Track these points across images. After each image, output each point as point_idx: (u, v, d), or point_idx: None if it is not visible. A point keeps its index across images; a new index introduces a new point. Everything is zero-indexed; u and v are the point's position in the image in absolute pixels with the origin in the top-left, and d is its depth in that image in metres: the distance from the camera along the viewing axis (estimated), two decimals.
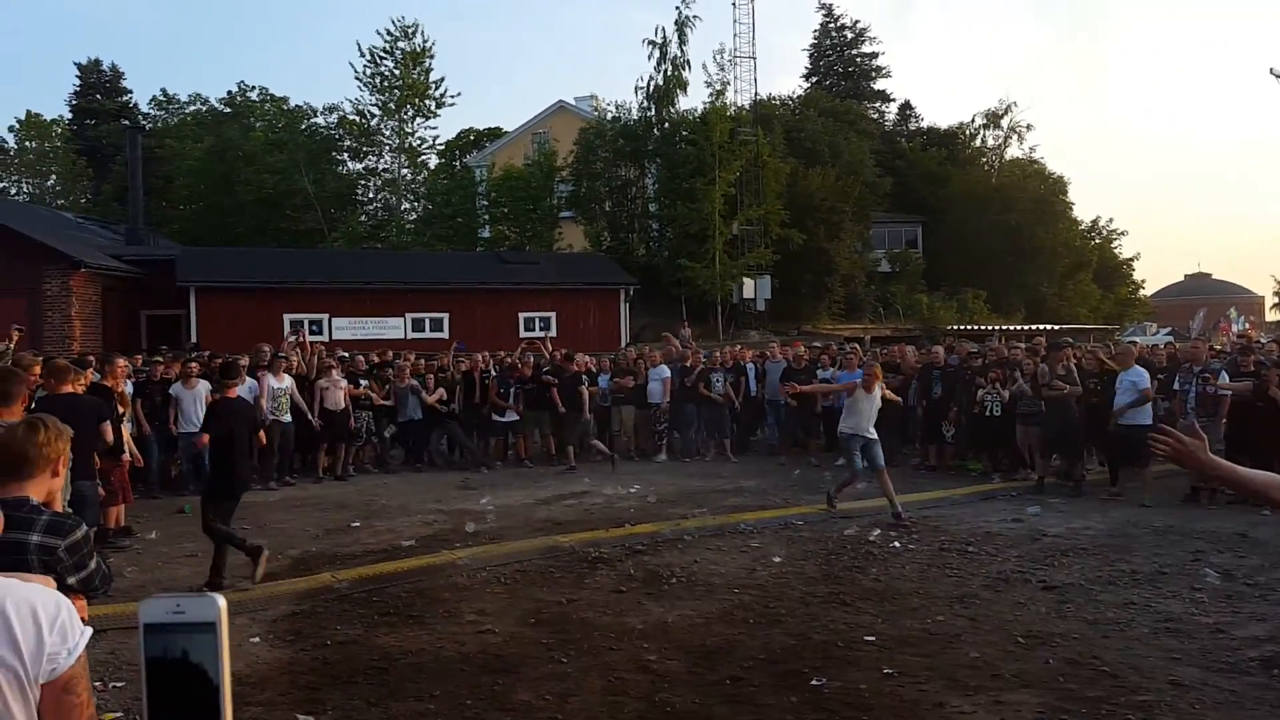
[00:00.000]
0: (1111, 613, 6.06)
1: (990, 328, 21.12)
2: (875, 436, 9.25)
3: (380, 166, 34.55)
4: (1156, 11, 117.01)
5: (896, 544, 8.15)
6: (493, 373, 13.60)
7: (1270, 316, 59.60)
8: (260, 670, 5.19)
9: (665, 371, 14.04)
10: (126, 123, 35.24)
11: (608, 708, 4.60)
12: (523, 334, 21.82)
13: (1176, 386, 10.73)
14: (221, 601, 0.95)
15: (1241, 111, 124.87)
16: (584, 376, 13.77)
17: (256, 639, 5.73)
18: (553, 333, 20.90)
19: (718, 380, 13.89)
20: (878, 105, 45.58)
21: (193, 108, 38.41)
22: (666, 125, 29.89)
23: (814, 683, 4.88)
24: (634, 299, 25.04)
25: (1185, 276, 66.74)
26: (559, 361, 13.93)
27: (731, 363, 14.50)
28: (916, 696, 4.69)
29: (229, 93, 36.94)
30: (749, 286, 27.93)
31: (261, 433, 8.19)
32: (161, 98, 40.20)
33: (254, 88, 36.81)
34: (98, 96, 42.25)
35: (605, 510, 9.84)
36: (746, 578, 7.08)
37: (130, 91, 43.46)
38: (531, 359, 13.82)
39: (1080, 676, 4.93)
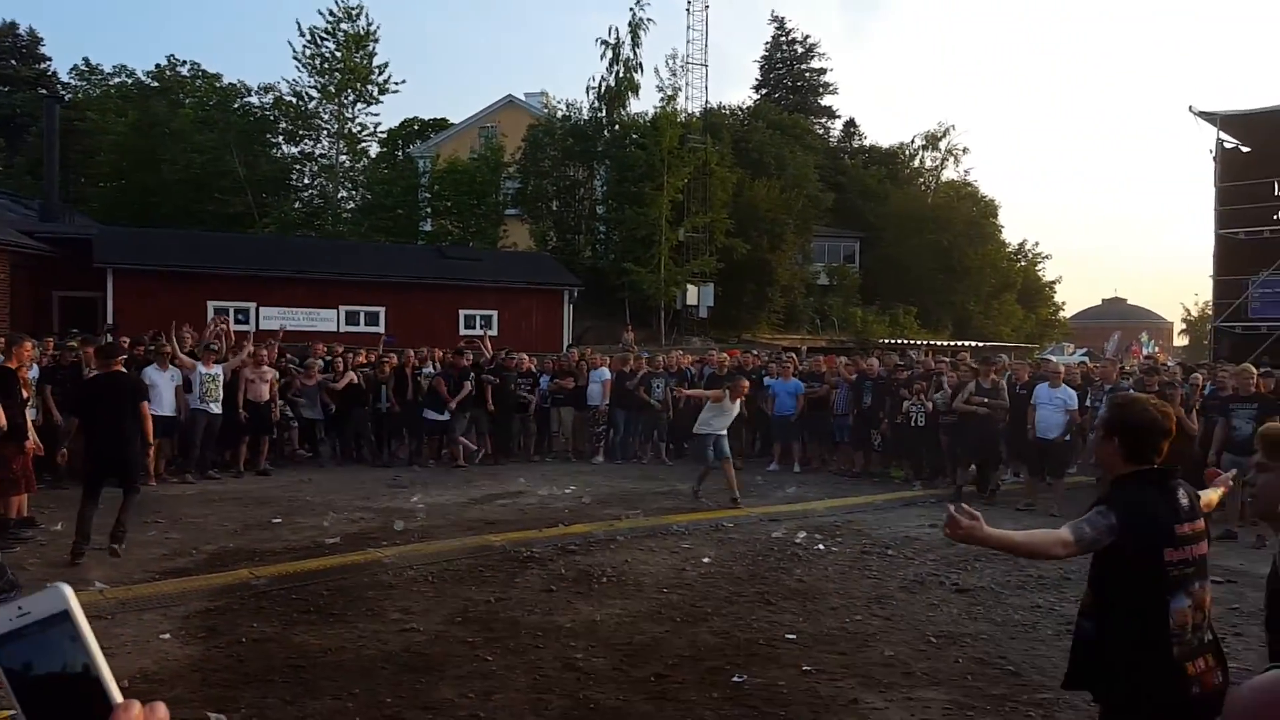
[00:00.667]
0: (1018, 615, 6.30)
1: (920, 342, 21.69)
2: (725, 435, 10.55)
3: (317, 152, 33.37)
4: (1088, 45, 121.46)
5: (821, 546, 8.30)
6: (434, 370, 13.43)
7: (1178, 341, 62.33)
8: (170, 667, 5.03)
9: (606, 374, 14.06)
10: (44, 92, 33.33)
11: (531, 705, 4.59)
12: (463, 331, 21.57)
13: (1089, 403, 11.19)
14: (65, 589, 0.91)
15: (1163, 147, 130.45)
16: (521, 378, 13.74)
17: (167, 635, 5.55)
18: (494, 331, 20.71)
19: (658, 386, 13.96)
20: (824, 121, 46.33)
21: (117, 80, 36.25)
22: (617, 127, 29.91)
23: (736, 679, 4.95)
24: (578, 301, 24.98)
25: (1102, 301, 69.33)
26: (501, 361, 13.81)
27: (676, 368, 14.57)
28: (833, 693, 4.81)
29: (157, 66, 35.02)
30: (692, 293, 28.13)
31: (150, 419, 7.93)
32: (84, 67, 37.59)
33: (185, 62, 35.04)
34: (12, 62, 39.84)
35: (539, 510, 9.80)
36: (675, 578, 7.13)
37: (49, 59, 41.16)
38: (470, 356, 13.66)
39: (987, 675, 5.11)
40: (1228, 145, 24.90)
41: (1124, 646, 2.66)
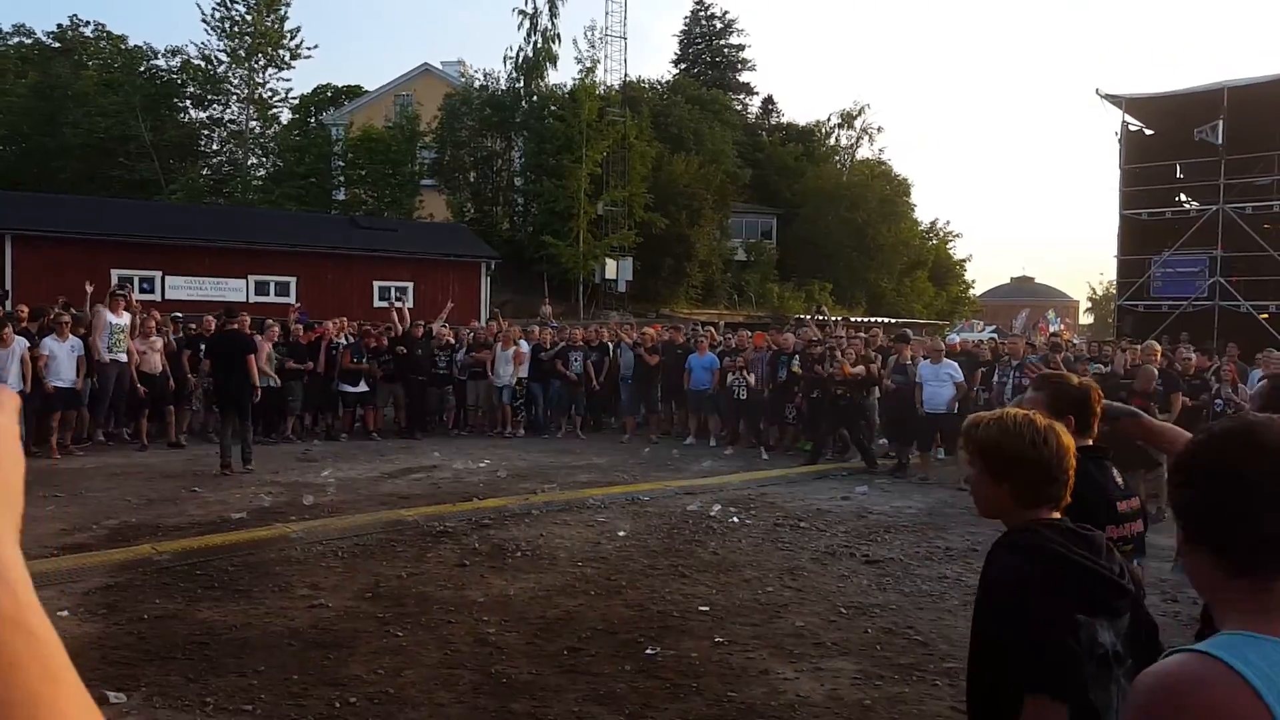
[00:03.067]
0: (926, 586, 6.52)
1: (834, 318, 22.20)
2: None
3: (226, 117, 32.28)
4: (999, 26, 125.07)
5: (735, 519, 8.47)
6: (345, 342, 13.13)
7: (1084, 319, 65.34)
8: (67, 646, 4.57)
9: (524, 347, 13.97)
10: None
11: (442, 680, 4.59)
12: (377, 303, 21.13)
13: (995, 379, 11.61)
14: None
15: (1072, 130, 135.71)
16: (439, 350, 13.54)
17: (65, 612, 5.36)
18: (409, 303, 20.33)
19: (575, 359, 13.94)
20: (742, 97, 46.64)
21: (15, 40, 34.62)
22: (535, 98, 29.57)
23: (648, 652, 5.03)
24: (495, 274, 24.70)
25: (1011, 279, 71.81)
26: (417, 332, 13.57)
27: (596, 341, 14.56)
28: (744, 663, 4.92)
29: (59, 26, 33.46)
30: (611, 267, 28.12)
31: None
32: None
33: (88, 23, 33.59)
34: None
35: (453, 485, 9.73)
36: (591, 551, 7.19)
37: None
38: (392, 330, 13.38)
39: (895, 645, 5.28)
40: (1132, 128, 26.02)
41: None
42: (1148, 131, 26.41)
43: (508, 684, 4.57)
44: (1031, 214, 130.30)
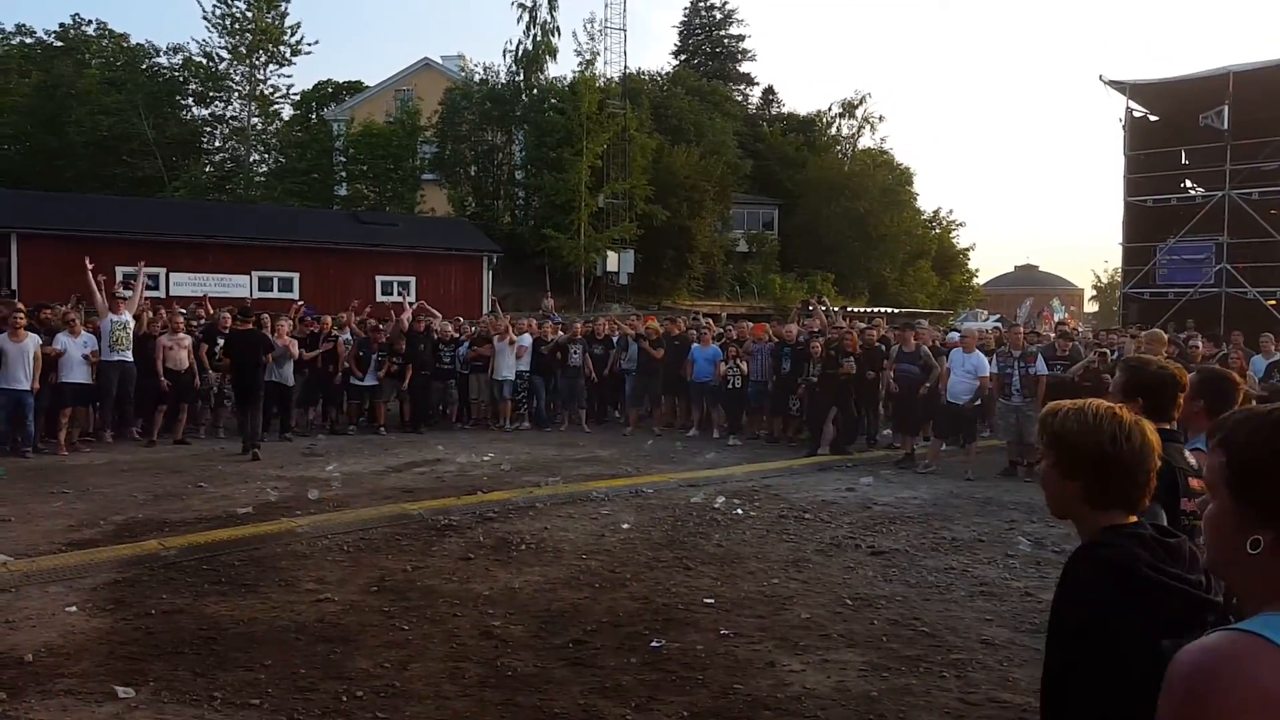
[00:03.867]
0: (932, 577, 6.49)
1: (834, 308, 22.11)
2: None
3: (228, 114, 32.39)
4: (1001, 13, 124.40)
5: (739, 511, 8.47)
6: (350, 336, 13.14)
7: (1089, 308, 65.19)
8: (76, 640, 4.89)
9: (527, 340, 13.97)
10: None
11: (448, 673, 4.60)
12: (379, 298, 21.16)
13: (997, 369, 11.50)
14: None
15: (1075, 117, 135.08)
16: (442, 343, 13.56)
17: (73, 608, 5.39)
18: (413, 298, 20.35)
19: (575, 352, 13.94)
20: (742, 88, 46.52)
21: (18, 39, 34.76)
22: (535, 92, 29.51)
23: (654, 644, 5.02)
24: (497, 267, 24.69)
25: (1015, 268, 71.72)
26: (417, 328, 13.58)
27: (602, 335, 14.54)
28: (750, 656, 4.91)
29: (61, 25, 33.68)
30: (613, 260, 28.09)
31: None
32: None
33: (90, 21, 33.79)
34: None
35: (458, 478, 9.75)
36: (595, 544, 7.19)
37: None
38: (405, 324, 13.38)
39: (901, 636, 5.25)
40: (1137, 114, 25.89)
41: None
42: (1152, 117, 26.28)
43: (513, 677, 4.58)
44: (1035, 202, 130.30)
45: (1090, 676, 1.67)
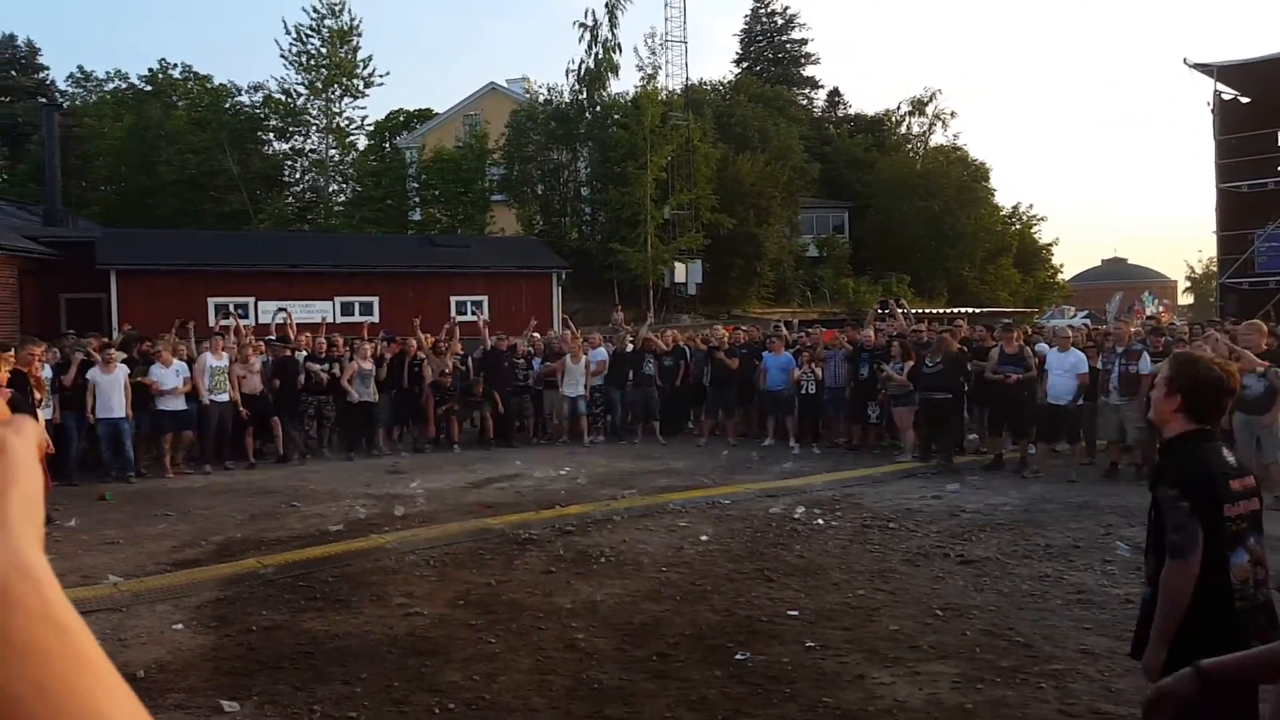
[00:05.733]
0: (1026, 585, 6.28)
1: (913, 310, 21.70)
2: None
3: (307, 147, 33.57)
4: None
5: (820, 521, 8.36)
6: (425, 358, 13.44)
7: (1183, 300, 62.43)
8: (183, 657, 5.11)
9: (602, 354, 14.07)
10: (43, 100, 33.61)
11: (535, 686, 4.66)
12: (454, 316, 21.60)
13: (1100, 366, 11.10)
14: None
15: (1159, 102, 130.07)
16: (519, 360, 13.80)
17: (179, 626, 5.63)
18: (486, 316, 20.74)
19: (648, 365, 13.98)
20: (806, 91, 46.19)
21: (112, 85, 36.83)
22: (598, 108, 29.82)
23: (738, 657, 4.99)
24: (566, 283, 24.98)
25: (1102, 261, 69.14)
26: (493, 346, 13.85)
27: (671, 346, 14.57)
28: (838, 668, 4.83)
29: (150, 70, 35.35)
30: (680, 270, 28.14)
31: None
32: (79, 75, 38.47)
33: (176, 65, 35.36)
34: (12, 73, 40.30)
35: (536, 492, 9.86)
36: (674, 556, 7.18)
37: (47, 68, 41.63)
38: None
39: (995, 647, 5.10)
40: (1225, 97, 24.82)
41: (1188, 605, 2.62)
42: (1243, 99, 25.13)
43: (599, 689, 4.61)
44: (1122, 193, 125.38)
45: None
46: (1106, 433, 10.78)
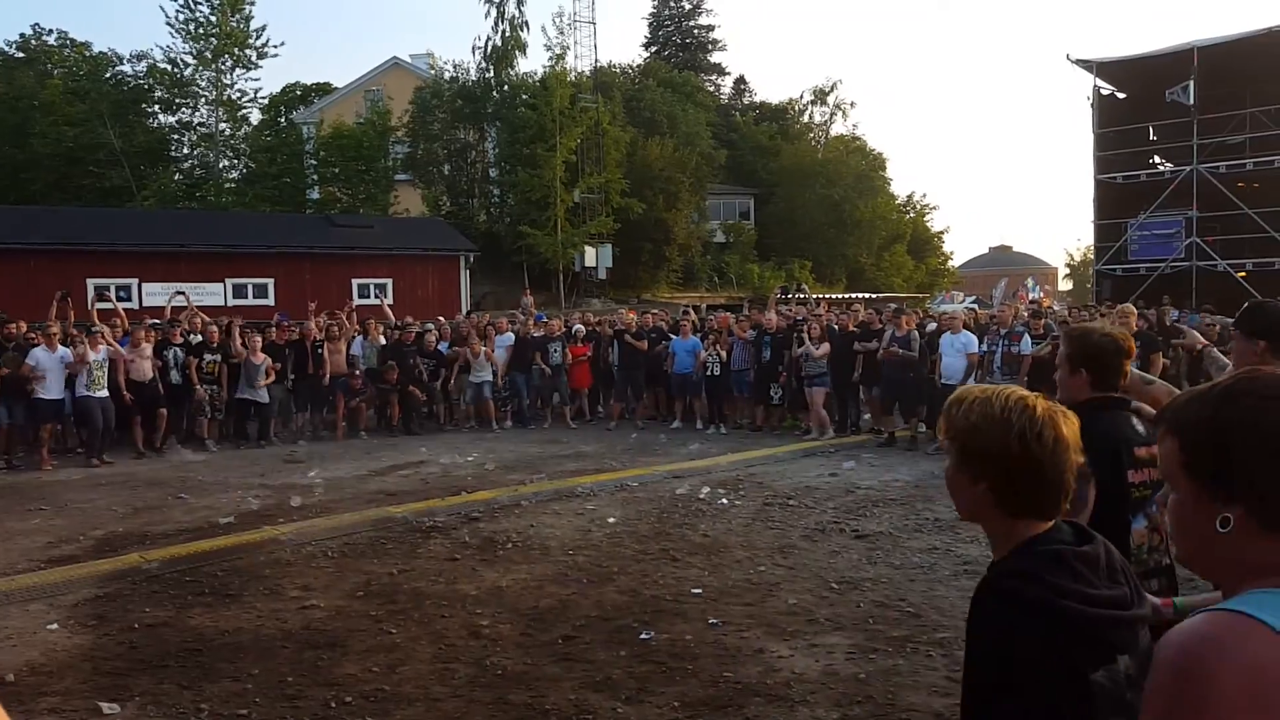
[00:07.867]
0: (916, 558, 6.54)
1: (814, 296, 22.24)
2: None
3: (196, 120, 31.98)
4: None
5: (724, 500, 8.50)
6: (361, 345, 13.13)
7: (1062, 286, 65.80)
8: (58, 659, 4.83)
9: (509, 339, 13.92)
10: None
11: (437, 675, 4.59)
12: (356, 301, 21.01)
13: (985, 348, 11.63)
14: None
15: (1042, 96, 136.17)
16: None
17: (54, 625, 5.32)
18: (390, 300, 20.26)
19: (554, 350, 13.91)
20: (714, 78, 46.56)
21: None
22: (506, 88, 29.40)
23: (643, 636, 5.03)
24: (474, 266, 24.61)
25: (989, 249, 72.25)
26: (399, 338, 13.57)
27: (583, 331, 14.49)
28: (739, 644, 4.93)
29: (21, 35, 33.03)
30: (590, 255, 28.08)
31: None
32: None
33: (50, 31, 33.14)
34: None
35: (441, 479, 9.71)
36: (581, 539, 7.19)
37: None
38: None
39: (887, 617, 5.29)
40: (1104, 92, 26.13)
41: None
42: (1119, 95, 26.53)
43: (503, 675, 4.57)
44: (1008, 183, 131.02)
45: (1016, 713, 1.48)
46: None
